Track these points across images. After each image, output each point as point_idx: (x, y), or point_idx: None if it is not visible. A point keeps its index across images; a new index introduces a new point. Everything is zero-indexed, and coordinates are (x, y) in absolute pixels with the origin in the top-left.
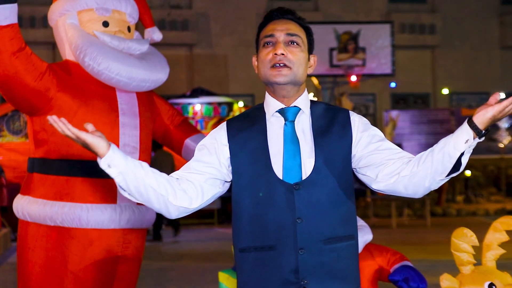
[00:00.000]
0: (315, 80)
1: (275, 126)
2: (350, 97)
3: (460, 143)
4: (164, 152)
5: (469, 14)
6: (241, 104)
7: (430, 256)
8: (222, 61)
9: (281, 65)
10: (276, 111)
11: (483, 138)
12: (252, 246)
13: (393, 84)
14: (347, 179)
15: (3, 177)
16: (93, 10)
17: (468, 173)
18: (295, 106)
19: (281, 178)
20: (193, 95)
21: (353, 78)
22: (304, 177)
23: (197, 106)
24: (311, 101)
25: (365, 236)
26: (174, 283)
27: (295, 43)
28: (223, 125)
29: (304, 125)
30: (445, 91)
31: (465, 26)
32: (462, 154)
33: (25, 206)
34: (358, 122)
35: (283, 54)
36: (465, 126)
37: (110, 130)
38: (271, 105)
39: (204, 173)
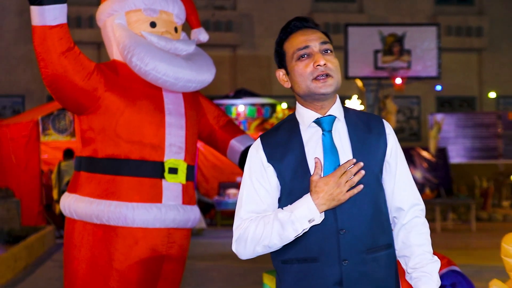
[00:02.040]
0: (359, 83)
1: (312, 137)
2: (394, 99)
3: None
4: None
5: None
6: (284, 105)
7: (475, 261)
8: (266, 62)
9: (325, 75)
10: (313, 122)
11: None
12: (295, 258)
13: (438, 87)
14: (382, 187)
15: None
16: (140, 10)
17: None
18: (330, 115)
19: None
20: (236, 96)
21: (398, 80)
22: None
23: (240, 107)
24: (344, 108)
25: None
26: (217, 283)
27: (329, 51)
28: (259, 145)
29: (341, 133)
30: (492, 94)
31: None
32: None
33: (72, 204)
34: (393, 134)
35: (325, 64)
36: None
37: (156, 130)
38: (306, 116)
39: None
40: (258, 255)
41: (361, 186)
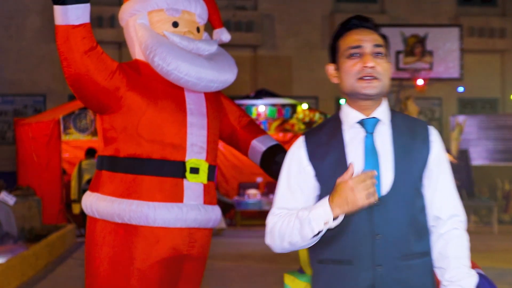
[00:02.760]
0: None
1: (354, 138)
2: (416, 101)
3: None
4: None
5: None
6: (305, 106)
7: (497, 264)
8: (286, 62)
9: (371, 77)
10: (356, 122)
11: None
12: (330, 259)
13: (460, 89)
14: (421, 194)
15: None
16: (163, 10)
17: None
18: (374, 117)
19: None
20: (257, 97)
21: (420, 81)
22: (383, 193)
23: (261, 107)
24: (391, 111)
25: None
26: (237, 283)
27: (381, 54)
28: (301, 143)
29: (384, 137)
30: None
31: None
32: None
33: (93, 203)
34: (438, 142)
35: (373, 67)
36: None
37: (177, 130)
38: (350, 115)
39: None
40: (288, 252)
41: (377, 197)
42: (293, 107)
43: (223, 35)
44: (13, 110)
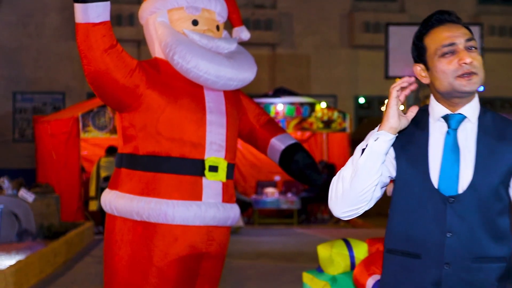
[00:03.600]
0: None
1: (437, 132)
2: None
3: None
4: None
5: None
6: (323, 104)
7: None
8: (305, 61)
9: (470, 73)
10: (441, 117)
11: None
12: (399, 250)
13: (480, 88)
14: (504, 198)
15: (84, 174)
16: (183, 8)
17: None
18: (460, 113)
19: (436, 187)
20: (275, 95)
21: None
22: (460, 191)
23: (279, 106)
24: (482, 109)
25: None
26: (254, 281)
27: (473, 48)
28: None
29: (468, 134)
30: None
31: None
32: None
33: (112, 201)
34: None
35: (471, 62)
36: None
37: (196, 128)
38: (436, 110)
39: (378, 181)
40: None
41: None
42: (312, 106)
43: (243, 33)
44: (32, 107)
